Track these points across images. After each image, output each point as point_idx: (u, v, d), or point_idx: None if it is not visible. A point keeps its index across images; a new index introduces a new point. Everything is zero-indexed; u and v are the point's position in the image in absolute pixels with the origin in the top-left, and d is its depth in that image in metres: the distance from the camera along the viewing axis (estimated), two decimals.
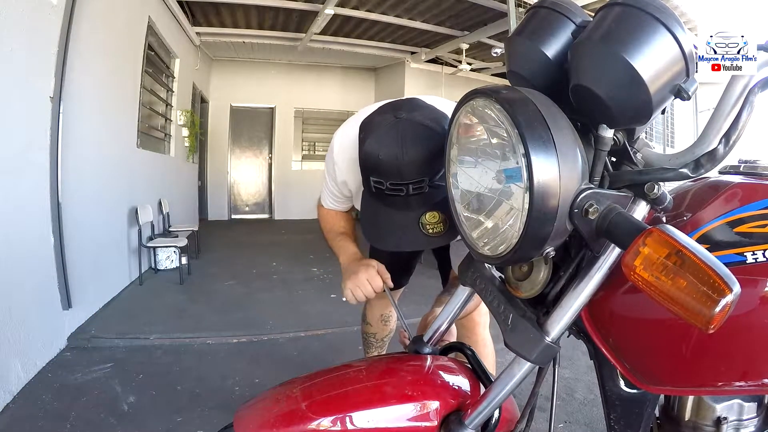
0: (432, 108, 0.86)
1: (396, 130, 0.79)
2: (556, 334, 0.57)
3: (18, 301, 1.95)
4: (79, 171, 2.60)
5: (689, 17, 4.08)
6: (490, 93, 0.54)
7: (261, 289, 3.56)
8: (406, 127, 0.80)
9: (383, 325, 1.65)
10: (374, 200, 0.86)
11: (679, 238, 0.43)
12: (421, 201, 0.82)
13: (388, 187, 0.81)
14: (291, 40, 6.05)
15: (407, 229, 0.83)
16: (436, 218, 0.82)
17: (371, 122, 0.85)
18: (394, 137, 0.79)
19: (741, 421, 0.67)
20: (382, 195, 0.83)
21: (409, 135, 0.78)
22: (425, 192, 0.80)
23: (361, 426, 0.63)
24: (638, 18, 0.49)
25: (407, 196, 0.81)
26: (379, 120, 0.84)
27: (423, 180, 0.79)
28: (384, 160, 0.79)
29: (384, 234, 0.87)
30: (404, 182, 0.80)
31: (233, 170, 7.89)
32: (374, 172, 0.81)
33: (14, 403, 1.80)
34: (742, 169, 0.66)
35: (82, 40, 2.56)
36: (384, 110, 0.86)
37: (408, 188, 0.80)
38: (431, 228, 0.82)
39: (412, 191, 0.80)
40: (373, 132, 0.82)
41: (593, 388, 1.95)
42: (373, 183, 0.82)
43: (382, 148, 0.79)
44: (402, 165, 0.78)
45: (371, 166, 0.82)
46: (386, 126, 0.81)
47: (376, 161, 0.80)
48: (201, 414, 1.76)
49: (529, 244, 0.52)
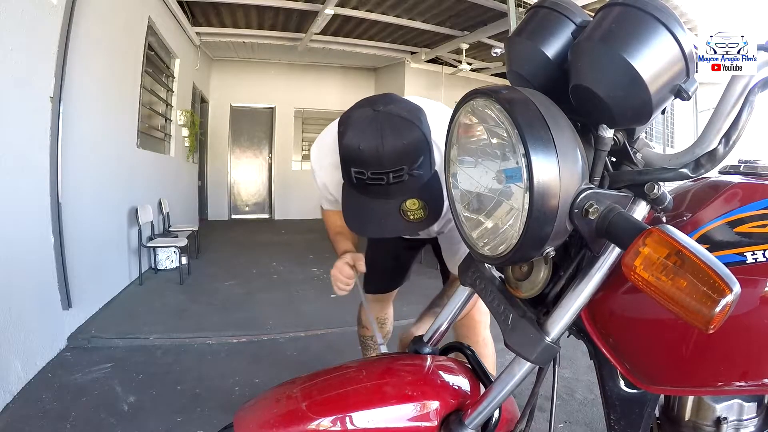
0: (406, 101, 0.90)
1: (375, 122, 0.83)
2: (556, 334, 0.57)
3: (18, 301, 1.94)
4: (79, 171, 2.60)
5: (689, 17, 4.07)
6: (490, 93, 0.54)
7: (261, 289, 3.56)
8: (384, 119, 0.83)
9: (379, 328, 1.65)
10: (355, 192, 0.89)
11: (679, 238, 0.43)
12: (401, 189, 0.85)
13: (369, 176, 0.83)
14: (291, 40, 6.05)
15: (389, 216, 0.86)
16: (416, 205, 0.85)
17: (350, 117, 0.88)
18: (374, 128, 0.82)
19: (741, 421, 0.67)
20: (363, 185, 0.86)
21: (387, 126, 0.82)
22: (405, 180, 0.84)
23: (361, 426, 0.63)
24: (638, 18, 0.49)
25: (388, 185, 0.84)
26: (358, 114, 0.86)
27: (402, 168, 0.83)
28: (365, 150, 0.82)
29: (366, 222, 0.90)
30: (385, 171, 0.82)
31: (233, 170, 7.89)
32: (355, 163, 0.84)
33: (14, 403, 1.80)
34: (742, 169, 0.66)
35: (82, 40, 2.56)
36: (361, 104, 0.89)
37: (388, 177, 0.83)
38: (412, 214, 0.86)
39: (392, 180, 0.83)
40: (353, 125, 0.84)
41: (593, 388, 1.95)
42: (354, 174, 0.84)
43: (362, 140, 0.82)
44: (382, 154, 0.81)
45: (352, 157, 0.84)
46: (365, 119, 0.84)
47: (356, 152, 0.83)
48: (201, 414, 1.76)
49: (529, 244, 0.52)
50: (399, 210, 0.85)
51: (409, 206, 0.85)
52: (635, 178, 0.55)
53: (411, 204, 0.85)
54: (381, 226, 0.88)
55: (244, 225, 7.38)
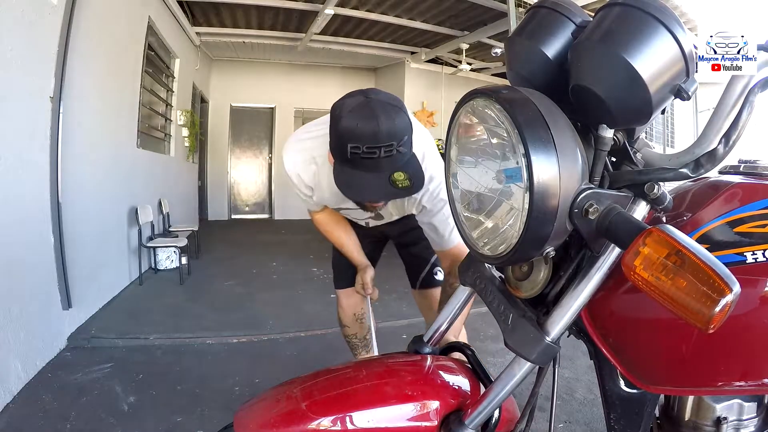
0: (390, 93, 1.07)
1: (369, 106, 0.98)
2: (556, 334, 0.57)
3: (18, 301, 1.95)
4: (79, 171, 2.60)
5: (689, 17, 4.08)
6: (490, 93, 0.54)
7: (261, 289, 3.56)
8: (376, 104, 0.99)
9: (359, 323, 1.70)
10: (349, 167, 1.03)
11: (679, 237, 0.43)
12: (389, 162, 1.00)
13: (364, 150, 0.98)
14: (291, 40, 6.05)
15: (381, 183, 1.01)
16: (402, 176, 1.01)
17: (344, 103, 1.02)
18: (369, 110, 0.97)
19: (741, 421, 0.66)
20: (357, 160, 1.00)
21: (379, 108, 0.98)
22: (393, 155, 0.99)
23: (361, 426, 0.63)
24: (638, 18, 0.49)
25: (379, 158, 0.98)
26: (352, 100, 1.02)
27: (392, 144, 0.97)
28: (361, 127, 0.97)
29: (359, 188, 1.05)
30: (378, 145, 0.97)
31: (233, 170, 7.89)
32: (351, 139, 0.98)
33: (14, 403, 1.80)
34: (742, 169, 0.66)
35: (82, 40, 2.56)
36: (352, 94, 1.05)
37: (380, 150, 0.97)
38: (400, 183, 1.01)
39: (384, 153, 0.98)
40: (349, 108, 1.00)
41: (593, 388, 1.95)
42: (350, 149, 0.98)
43: (359, 119, 0.97)
44: (377, 131, 0.96)
45: (349, 134, 0.98)
46: (360, 103, 1.00)
47: (353, 129, 0.97)
48: (201, 414, 1.76)
49: (529, 244, 0.52)
50: (389, 179, 1.00)
51: (397, 177, 1.00)
52: (635, 178, 0.55)
53: (398, 175, 1.00)
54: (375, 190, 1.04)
55: (244, 225, 7.38)
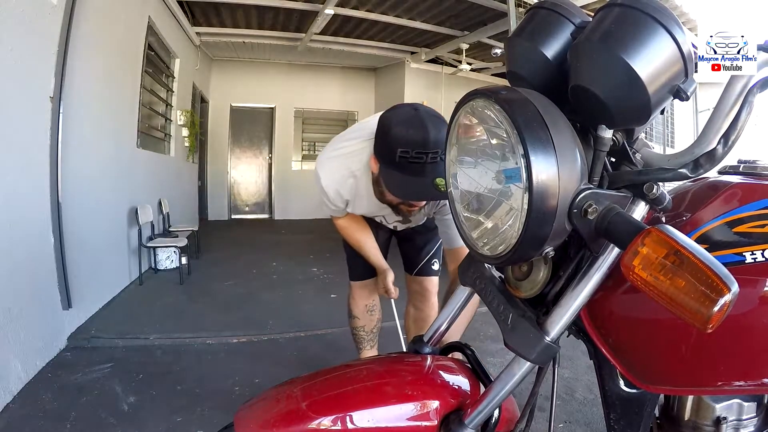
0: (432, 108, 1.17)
1: (418, 116, 1.09)
2: (555, 334, 0.57)
3: (18, 301, 1.95)
4: (79, 171, 2.60)
5: (689, 17, 4.08)
6: (489, 94, 0.54)
7: (261, 289, 3.56)
8: (425, 114, 1.10)
9: (369, 315, 1.72)
10: (397, 171, 1.12)
11: (678, 237, 0.43)
12: (433, 169, 1.10)
13: (413, 155, 1.08)
14: (291, 40, 6.05)
15: (426, 186, 1.11)
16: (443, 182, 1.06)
17: (392, 115, 1.13)
18: (419, 120, 1.08)
19: (741, 421, 0.67)
20: (405, 164, 1.10)
21: (427, 118, 1.09)
22: (437, 162, 1.09)
23: (361, 425, 0.63)
24: (637, 19, 0.49)
25: (425, 164, 1.09)
26: (400, 111, 1.13)
27: (438, 151, 1.07)
28: (412, 134, 1.07)
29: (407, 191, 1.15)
30: (426, 151, 1.07)
31: (233, 170, 7.89)
32: (402, 144, 1.08)
33: (14, 403, 1.80)
34: (742, 169, 0.66)
35: (82, 40, 2.56)
36: (400, 107, 1.16)
37: (427, 156, 1.08)
38: (441, 188, 1.09)
39: (429, 159, 1.08)
40: (400, 119, 1.11)
41: (593, 388, 1.95)
42: (399, 153, 1.09)
43: (410, 127, 1.08)
44: (427, 138, 1.07)
45: (400, 140, 1.08)
46: (409, 114, 1.11)
47: (404, 135, 1.08)
48: (201, 414, 1.77)
49: (529, 244, 0.52)
50: (432, 183, 1.10)
51: (439, 182, 1.09)
52: (634, 178, 0.56)
53: (440, 181, 1.09)
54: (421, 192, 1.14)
55: (244, 225, 7.38)
